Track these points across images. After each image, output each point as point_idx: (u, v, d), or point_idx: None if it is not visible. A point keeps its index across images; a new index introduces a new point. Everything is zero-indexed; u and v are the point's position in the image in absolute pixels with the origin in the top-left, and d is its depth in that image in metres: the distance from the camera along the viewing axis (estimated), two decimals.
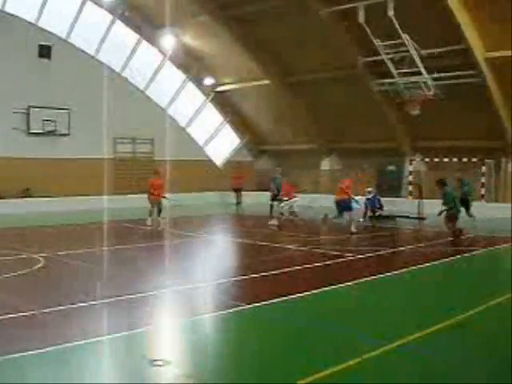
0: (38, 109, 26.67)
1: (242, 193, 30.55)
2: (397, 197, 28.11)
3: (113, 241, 17.05)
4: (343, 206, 19.40)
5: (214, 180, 32.19)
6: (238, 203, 29.71)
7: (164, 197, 21.01)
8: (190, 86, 33.36)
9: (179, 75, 32.74)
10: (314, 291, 10.56)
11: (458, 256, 15.26)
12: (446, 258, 14.87)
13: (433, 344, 7.64)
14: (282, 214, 21.80)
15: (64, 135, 27.64)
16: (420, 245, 17.35)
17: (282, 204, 21.87)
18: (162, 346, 7.94)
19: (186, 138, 33.29)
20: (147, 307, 9.69)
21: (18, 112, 26.33)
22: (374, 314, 9.49)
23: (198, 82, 33.36)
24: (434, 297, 10.86)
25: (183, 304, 10.22)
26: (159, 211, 20.76)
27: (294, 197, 22.05)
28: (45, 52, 26.94)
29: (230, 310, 9.30)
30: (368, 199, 23.84)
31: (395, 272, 12.74)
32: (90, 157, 28.08)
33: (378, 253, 15.50)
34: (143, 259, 14.55)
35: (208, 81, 33.23)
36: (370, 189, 24.45)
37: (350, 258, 14.43)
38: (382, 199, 24.07)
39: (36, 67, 26.69)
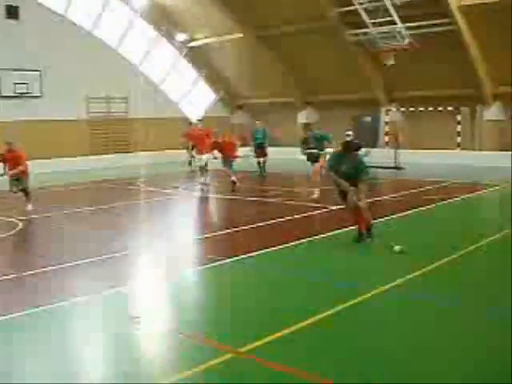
0: (8, 71, 26.13)
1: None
2: (373, 147, 28.20)
3: (94, 201, 17.12)
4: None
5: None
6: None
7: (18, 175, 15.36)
8: (163, 42, 32.88)
9: (151, 32, 32.22)
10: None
11: (438, 203, 15.42)
12: (428, 205, 15.12)
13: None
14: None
15: (37, 97, 27.22)
16: (394, 195, 17.41)
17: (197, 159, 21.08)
18: (143, 303, 8.03)
19: (161, 95, 32.92)
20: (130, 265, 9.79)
21: None
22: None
23: (171, 38, 32.88)
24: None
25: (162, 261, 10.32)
26: (23, 190, 15.46)
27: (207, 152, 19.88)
28: (12, 12, 26.30)
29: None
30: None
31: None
32: (64, 118, 27.73)
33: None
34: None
35: (180, 36, 32.75)
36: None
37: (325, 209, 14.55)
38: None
39: (4, 29, 26.04)
